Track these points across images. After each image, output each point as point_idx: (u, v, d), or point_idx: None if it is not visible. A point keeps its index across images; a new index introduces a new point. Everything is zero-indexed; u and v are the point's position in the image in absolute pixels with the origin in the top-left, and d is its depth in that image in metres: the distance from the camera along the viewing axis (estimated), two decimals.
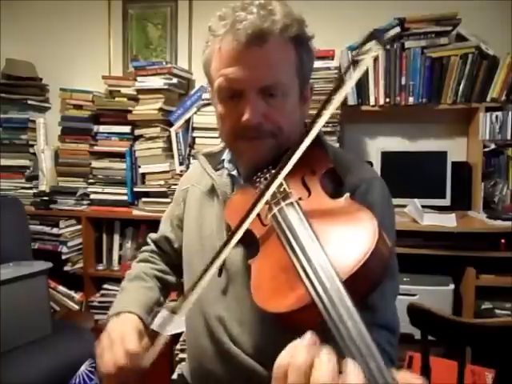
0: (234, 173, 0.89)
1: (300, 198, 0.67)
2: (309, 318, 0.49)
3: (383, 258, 0.56)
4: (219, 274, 0.82)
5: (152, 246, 1.06)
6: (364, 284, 0.54)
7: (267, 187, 0.63)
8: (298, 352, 0.44)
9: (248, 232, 0.69)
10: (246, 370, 0.80)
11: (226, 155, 0.92)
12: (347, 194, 0.67)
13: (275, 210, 0.65)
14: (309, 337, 0.45)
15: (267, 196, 0.63)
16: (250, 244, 0.71)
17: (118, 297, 0.95)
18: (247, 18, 0.71)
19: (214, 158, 0.93)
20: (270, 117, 0.76)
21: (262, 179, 0.77)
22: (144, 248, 1.08)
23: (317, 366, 0.42)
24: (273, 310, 0.56)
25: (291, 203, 0.64)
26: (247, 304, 0.78)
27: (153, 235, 1.08)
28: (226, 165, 0.90)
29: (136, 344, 0.76)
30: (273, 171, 0.70)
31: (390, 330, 0.72)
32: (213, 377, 0.85)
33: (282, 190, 0.68)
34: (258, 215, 0.69)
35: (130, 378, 0.75)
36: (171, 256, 1.04)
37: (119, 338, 0.76)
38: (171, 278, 1.03)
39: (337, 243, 0.56)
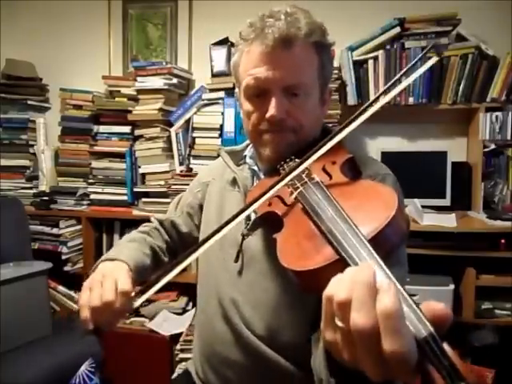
0: (255, 167, 0.95)
1: (322, 181, 0.71)
2: (333, 275, 0.49)
3: (401, 227, 0.60)
4: (236, 260, 0.87)
5: (156, 224, 1.09)
6: (383, 247, 0.55)
7: (290, 171, 0.70)
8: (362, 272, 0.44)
9: (270, 214, 0.74)
10: (256, 352, 0.84)
11: (248, 152, 0.99)
12: (366, 176, 0.74)
13: (301, 188, 0.70)
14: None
15: (289, 178, 0.70)
16: (273, 227, 0.73)
17: (113, 248, 0.96)
18: (275, 24, 0.78)
19: (235, 155, 1.00)
20: (292, 114, 0.82)
21: (285, 166, 0.82)
22: (146, 224, 1.10)
23: (382, 288, 0.43)
24: (301, 268, 0.57)
25: (316, 182, 0.69)
26: (261, 288, 0.84)
27: (158, 216, 1.11)
28: (248, 160, 0.97)
29: (129, 284, 0.75)
30: (296, 160, 0.78)
31: None
32: (224, 359, 0.89)
33: (305, 173, 0.73)
34: (281, 198, 0.74)
35: (112, 318, 0.74)
36: (173, 239, 1.07)
37: (112, 276, 0.77)
38: (164, 258, 1.05)
39: (360, 211, 0.60)
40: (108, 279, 0.75)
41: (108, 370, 2.03)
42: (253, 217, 0.83)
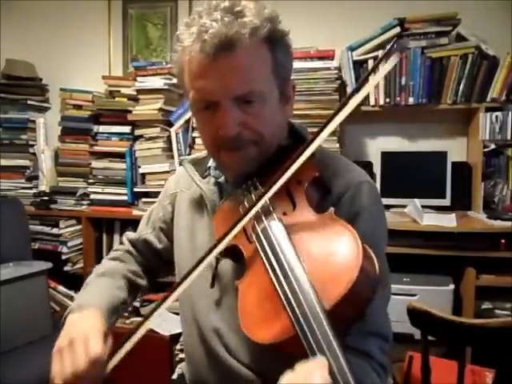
0: (221, 179, 0.88)
1: (284, 213, 0.68)
2: (295, 348, 0.50)
3: (370, 279, 0.56)
4: (212, 285, 0.80)
5: (127, 246, 1.02)
6: (352, 307, 0.54)
7: (250, 208, 0.65)
8: None
9: (235, 247, 0.71)
10: (241, 379, 0.78)
11: (212, 162, 0.90)
12: (332, 209, 0.66)
13: (258, 229, 0.66)
14: None
15: (250, 215, 0.65)
16: (239, 259, 0.72)
17: (82, 291, 0.90)
18: (212, 25, 0.68)
19: (200, 165, 0.91)
20: (248, 125, 0.73)
21: (247, 192, 0.76)
22: (118, 247, 1.05)
23: None
24: (259, 340, 0.58)
25: (275, 220, 0.65)
26: None
27: (130, 235, 1.04)
28: (213, 172, 0.89)
29: (100, 347, 0.68)
30: (257, 185, 0.75)
31: (381, 337, 0.71)
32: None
33: (265, 204, 0.68)
34: (245, 231, 0.70)
35: None
36: (148, 258, 1.01)
37: (81, 338, 0.69)
38: (142, 281, 1.00)
39: (321, 268, 0.56)
40: (77, 344, 0.68)
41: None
42: None
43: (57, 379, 0.68)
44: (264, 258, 0.61)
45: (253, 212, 0.65)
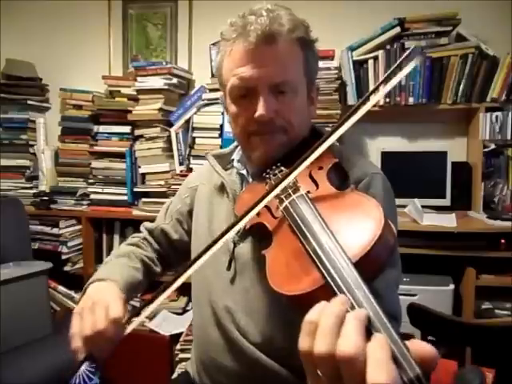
0: (243, 172, 0.93)
1: (308, 192, 0.71)
2: (323, 299, 0.50)
3: (389, 243, 0.59)
4: (228, 268, 0.85)
5: (145, 234, 1.07)
6: (371, 267, 0.57)
7: (278, 183, 0.68)
8: (328, 310, 0.45)
9: (259, 225, 0.74)
10: (251, 359, 0.82)
11: (236, 155, 0.96)
12: (352, 186, 0.72)
13: (286, 202, 0.68)
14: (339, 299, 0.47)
15: (277, 191, 0.68)
16: (263, 237, 0.74)
17: (102, 268, 0.94)
18: (257, 20, 0.76)
19: (223, 159, 0.97)
20: (281, 113, 0.80)
21: (272, 175, 0.80)
22: (136, 234, 1.08)
23: (344, 333, 0.43)
24: (289, 292, 0.59)
25: (301, 195, 0.68)
26: (254, 295, 0.82)
27: (148, 224, 1.09)
28: (236, 164, 0.94)
29: (120, 310, 0.73)
30: (282, 169, 0.79)
31: (393, 318, 0.73)
32: (219, 366, 0.87)
33: (291, 184, 0.71)
34: (269, 209, 0.74)
35: (105, 346, 0.72)
36: (164, 247, 1.06)
37: (103, 302, 0.74)
38: (156, 268, 1.03)
39: (346, 229, 0.60)
40: (98, 306, 0.73)
41: (108, 370, 2.02)
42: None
43: (76, 337, 0.72)
44: (292, 224, 0.64)
45: (278, 190, 0.68)
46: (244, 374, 0.84)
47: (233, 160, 0.96)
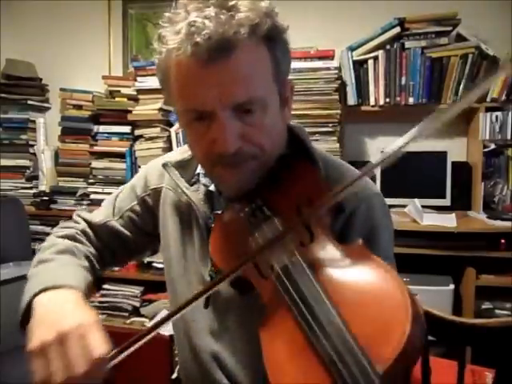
0: (212, 188, 0.78)
1: (302, 244, 0.58)
2: None
3: (421, 325, 0.46)
4: (205, 306, 0.75)
5: (83, 226, 0.89)
6: (405, 363, 0.45)
7: (267, 244, 0.57)
8: None
9: (244, 281, 0.62)
10: None
11: (201, 168, 0.79)
12: (360, 241, 0.57)
13: (277, 266, 0.56)
14: None
15: (261, 252, 0.57)
16: (247, 290, 0.64)
17: (44, 268, 0.74)
18: (205, 24, 0.58)
19: (186, 170, 0.80)
20: (249, 137, 0.64)
21: (258, 212, 0.66)
22: (69, 224, 0.91)
23: None
24: None
25: (295, 255, 0.56)
26: (240, 336, 0.73)
27: (86, 215, 0.91)
28: (203, 179, 0.79)
29: (103, 345, 0.55)
30: (264, 210, 0.65)
31: None
32: None
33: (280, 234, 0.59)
34: (257, 266, 0.60)
35: None
36: (106, 245, 0.88)
37: (77, 334, 0.55)
38: (98, 267, 0.85)
39: (363, 320, 0.46)
40: (72, 341, 0.54)
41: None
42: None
43: None
44: (291, 305, 0.52)
45: (264, 251, 0.57)
46: None
47: (198, 174, 0.80)
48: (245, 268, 0.58)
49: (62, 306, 0.62)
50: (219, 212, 0.76)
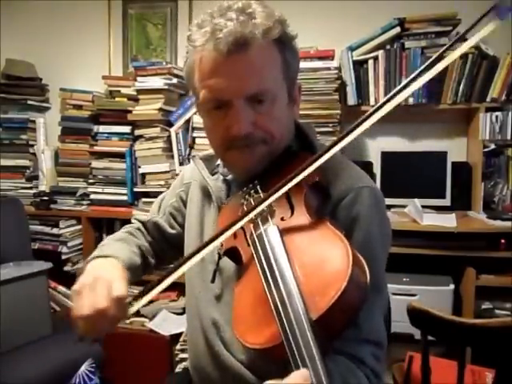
0: (229, 177, 0.89)
1: (282, 218, 0.69)
2: (281, 356, 0.52)
3: (359, 289, 0.56)
4: (212, 280, 0.82)
5: (138, 225, 1.03)
6: (340, 316, 0.55)
7: (251, 210, 0.67)
8: None
9: (234, 249, 0.73)
10: (236, 374, 0.79)
11: (216, 156, 0.91)
12: (327, 217, 0.68)
13: (255, 234, 0.67)
14: None
15: (243, 222, 0.67)
16: (239, 260, 0.73)
17: (101, 247, 0.91)
18: (227, 25, 0.69)
19: (210, 162, 0.93)
20: (259, 124, 0.75)
21: (252, 191, 0.77)
22: (127, 226, 1.05)
23: None
24: (248, 344, 0.60)
25: (273, 227, 0.66)
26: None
27: (140, 216, 1.06)
28: (221, 170, 0.90)
29: (124, 289, 0.70)
30: (258, 190, 0.76)
31: (375, 344, 0.71)
32: (206, 376, 0.86)
33: (265, 208, 0.69)
34: (245, 233, 0.71)
35: (107, 326, 0.69)
36: (157, 241, 1.02)
37: (105, 278, 0.70)
38: (151, 260, 1.00)
39: (311, 278, 0.58)
40: (100, 283, 0.69)
41: (108, 369, 2.02)
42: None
43: (78, 315, 0.69)
44: (258, 265, 0.63)
45: (246, 219, 0.67)
46: None
47: (218, 165, 0.92)
48: (237, 236, 0.71)
49: (102, 265, 0.79)
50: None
